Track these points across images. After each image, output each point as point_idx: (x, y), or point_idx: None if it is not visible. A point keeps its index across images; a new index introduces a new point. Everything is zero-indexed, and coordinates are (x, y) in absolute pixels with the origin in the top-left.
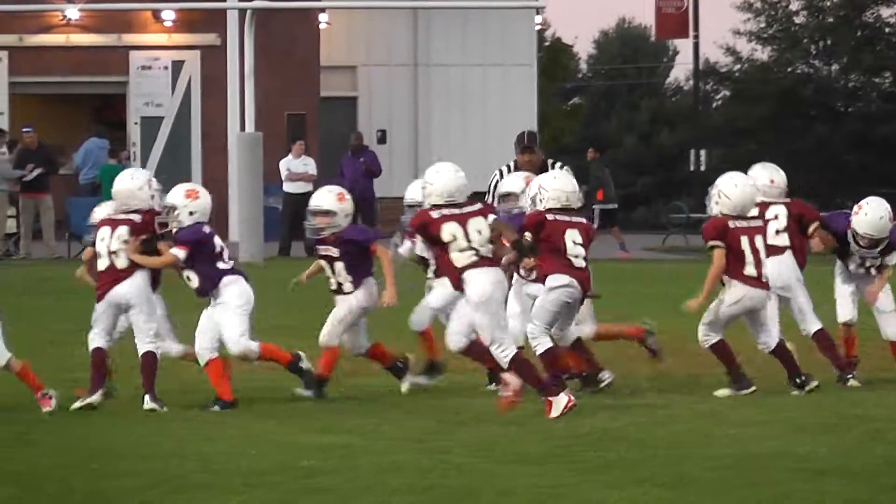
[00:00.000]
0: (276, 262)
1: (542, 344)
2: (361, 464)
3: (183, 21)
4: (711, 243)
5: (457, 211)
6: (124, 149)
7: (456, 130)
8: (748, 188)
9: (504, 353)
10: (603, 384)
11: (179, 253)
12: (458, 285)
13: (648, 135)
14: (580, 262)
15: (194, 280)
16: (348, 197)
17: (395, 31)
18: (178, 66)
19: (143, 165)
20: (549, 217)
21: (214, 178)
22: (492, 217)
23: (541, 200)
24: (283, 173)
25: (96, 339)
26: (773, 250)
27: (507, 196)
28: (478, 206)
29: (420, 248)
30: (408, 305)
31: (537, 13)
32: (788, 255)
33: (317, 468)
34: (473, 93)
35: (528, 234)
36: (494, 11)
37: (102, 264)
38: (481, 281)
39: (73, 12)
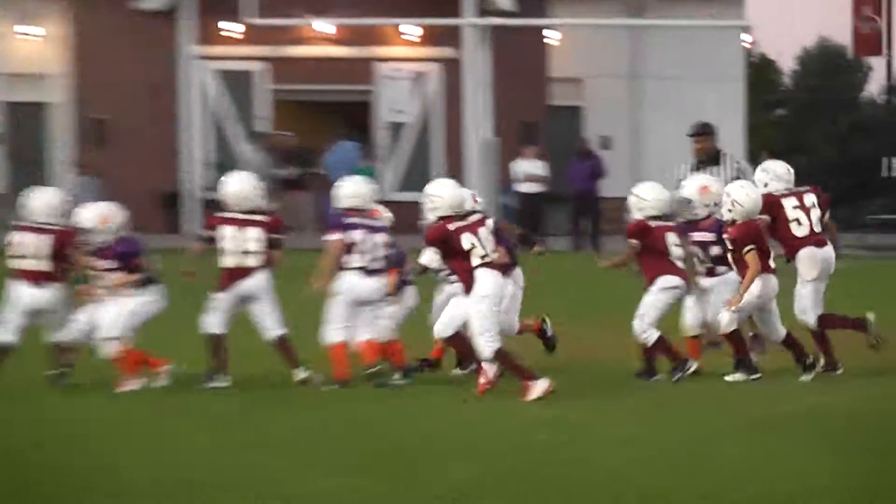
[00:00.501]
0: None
1: (651, 336)
2: (594, 436)
3: (425, 36)
4: (747, 248)
5: (465, 222)
6: (373, 152)
7: (671, 138)
8: (757, 195)
9: (490, 345)
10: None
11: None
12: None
13: (845, 143)
14: (680, 263)
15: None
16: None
17: (616, 47)
18: (420, 77)
19: (389, 168)
20: (652, 224)
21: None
22: (490, 223)
23: (640, 210)
24: (517, 175)
25: (215, 326)
26: (820, 237)
27: (683, 202)
28: (477, 216)
29: (430, 258)
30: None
31: (744, 31)
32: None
33: (552, 440)
34: (686, 104)
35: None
36: (706, 30)
37: (230, 261)
38: (490, 279)
39: (327, 27)
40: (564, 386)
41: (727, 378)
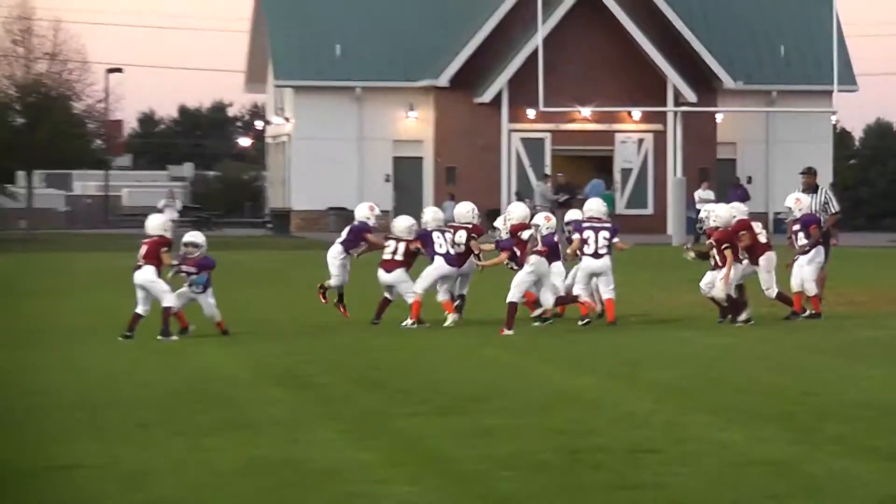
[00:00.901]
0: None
1: (775, 291)
2: (742, 354)
3: (644, 117)
4: (725, 245)
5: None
6: (612, 185)
7: (789, 175)
8: (729, 214)
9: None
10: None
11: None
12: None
13: (894, 178)
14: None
15: None
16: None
17: (756, 123)
18: (640, 141)
19: (623, 195)
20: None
21: (660, 200)
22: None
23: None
24: (697, 199)
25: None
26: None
27: (786, 209)
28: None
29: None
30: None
31: (832, 114)
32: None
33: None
34: (798, 156)
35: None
36: (810, 114)
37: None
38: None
39: (586, 112)
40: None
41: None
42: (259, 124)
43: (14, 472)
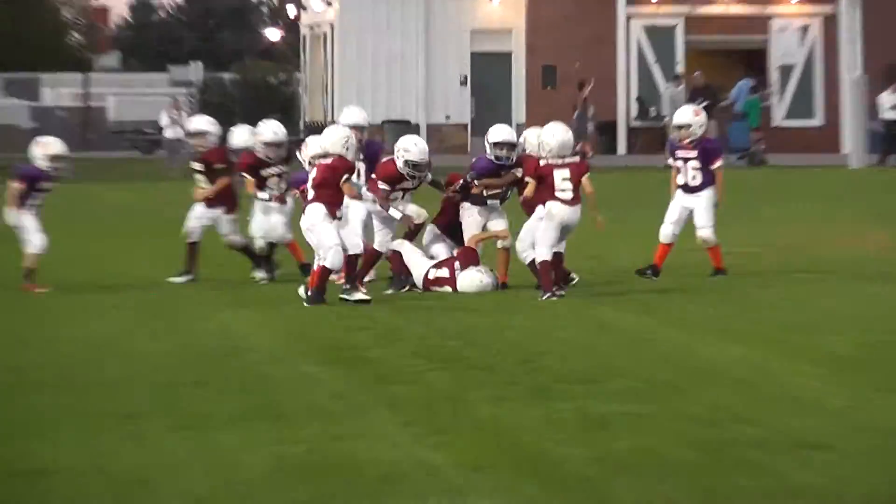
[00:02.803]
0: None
1: None
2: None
3: None
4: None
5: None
6: (766, 88)
7: None
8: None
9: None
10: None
11: None
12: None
13: None
14: None
15: None
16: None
17: None
18: (804, 29)
19: (780, 101)
20: None
21: (831, 107)
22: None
23: None
24: (881, 106)
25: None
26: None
27: None
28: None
29: None
30: None
31: None
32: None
33: None
34: None
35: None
36: None
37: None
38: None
39: None
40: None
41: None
42: (292, 11)
43: None
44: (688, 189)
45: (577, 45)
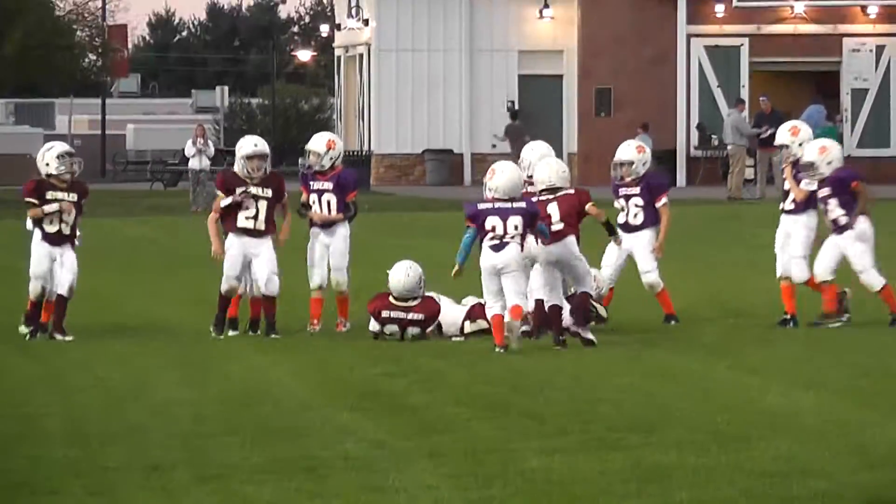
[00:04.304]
0: None
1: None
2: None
3: (884, 14)
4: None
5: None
6: (838, 113)
7: None
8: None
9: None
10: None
11: None
12: None
13: None
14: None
15: None
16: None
17: None
18: (880, 49)
19: (853, 128)
20: None
21: None
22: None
23: None
24: None
25: None
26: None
27: None
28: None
29: None
30: None
31: None
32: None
33: None
34: None
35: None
36: None
37: None
38: None
39: (799, 7)
40: None
41: None
42: (325, 30)
43: None
44: (628, 228)
45: (635, 68)
